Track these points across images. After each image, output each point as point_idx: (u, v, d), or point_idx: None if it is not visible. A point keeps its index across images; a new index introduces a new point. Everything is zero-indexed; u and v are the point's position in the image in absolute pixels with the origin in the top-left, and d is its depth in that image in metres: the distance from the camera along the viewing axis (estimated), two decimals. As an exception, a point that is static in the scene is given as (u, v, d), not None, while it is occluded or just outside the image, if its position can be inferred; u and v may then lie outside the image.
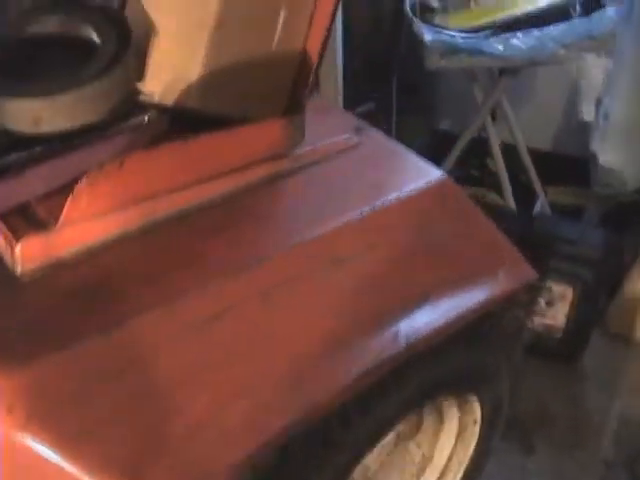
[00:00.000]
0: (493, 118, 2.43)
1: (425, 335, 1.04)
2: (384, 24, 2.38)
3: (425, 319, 1.06)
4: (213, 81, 1.03)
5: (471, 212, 1.15)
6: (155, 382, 0.89)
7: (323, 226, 1.03)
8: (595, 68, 2.21)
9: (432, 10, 2.06)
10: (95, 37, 1.05)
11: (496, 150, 2.29)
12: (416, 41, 1.98)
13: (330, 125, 1.24)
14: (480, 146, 2.46)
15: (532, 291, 1.81)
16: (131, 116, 1.08)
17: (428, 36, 1.92)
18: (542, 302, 2.03)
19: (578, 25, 1.99)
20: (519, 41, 1.90)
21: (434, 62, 1.92)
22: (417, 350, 1.04)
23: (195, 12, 1.02)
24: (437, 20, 2.02)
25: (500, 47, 1.89)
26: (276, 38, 1.07)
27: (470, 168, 2.66)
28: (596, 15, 2.00)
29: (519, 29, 1.95)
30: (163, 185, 0.98)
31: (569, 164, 2.60)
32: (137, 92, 1.07)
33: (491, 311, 1.16)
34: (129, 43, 1.04)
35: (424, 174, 1.16)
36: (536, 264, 1.96)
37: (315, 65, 1.11)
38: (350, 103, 2.33)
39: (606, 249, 1.97)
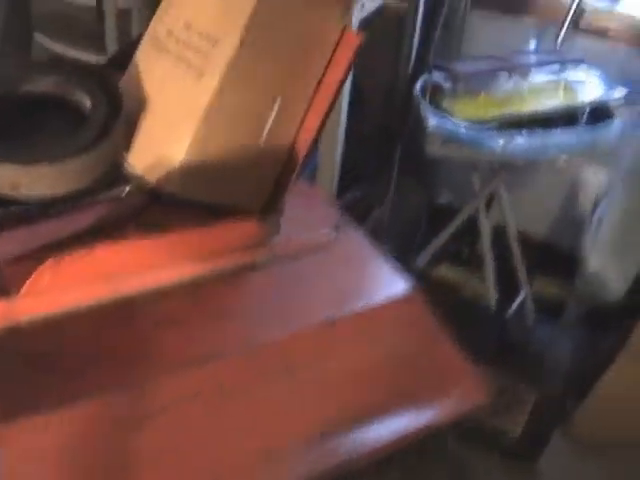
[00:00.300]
0: (489, 202, 2.47)
1: (366, 452, 1.07)
2: (398, 92, 2.41)
3: (370, 435, 1.08)
4: (195, 170, 1.05)
5: (433, 330, 1.18)
6: (89, 471, 0.91)
7: (281, 330, 1.05)
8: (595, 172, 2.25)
9: (443, 91, 2.10)
10: (87, 102, 1.08)
11: (485, 239, 2.32)
12: (421, 122, 2.01)
13: (311, 216, 1.27)
14: (476, 224, 2.49)
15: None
16: (113, 186, 1.10)
17: (432, 121, 1.96)
18: (502, 403, 2.06)
19: (583, 133, 2.03)
20: (522, 140, 1.93)
21: (434, 148, 1.95)
22: (357, 465, 1.07)
23: (187, 99, 1.05)
24: (445, 104, 2.05)
25: (502, 144, 1.93)
26: (266, 131, 1.10)
27: (462, 245, 2.69)
28: (602, 126, 2.04)
29: (524, 127, 1.99)
30: (127, 269, 1.01)
31: (562, 256, 2.64)
32: (122, 162, 1.09)
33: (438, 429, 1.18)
34: (120, 114, 1.06)
35: (393, 285, 1.18)
36: (502, 365, 2.01)
37: (303, 160, 1.14)
38: (351, 165, 2.37)
39: (576, 357, 2.00)
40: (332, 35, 1.10)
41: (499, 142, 1.91)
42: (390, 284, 1.19)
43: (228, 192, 1.10)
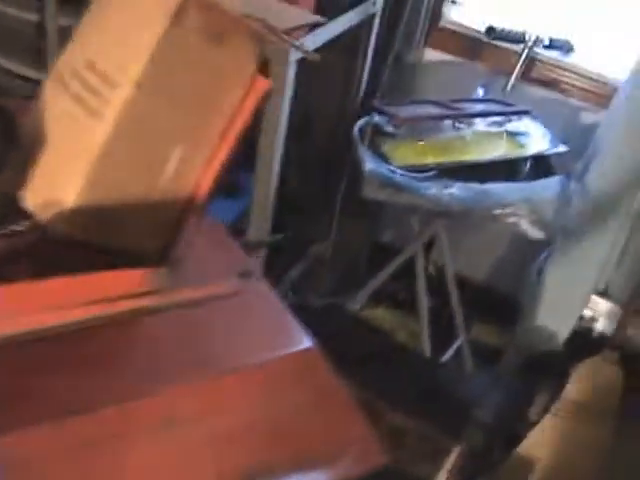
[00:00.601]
0: (430, 244, 2.46)
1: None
2: (343, 129, 2.40)
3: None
4: (85, 213, 1.02)
5: (330, 389, 1.15)
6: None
7: (166, 381, 1.01)
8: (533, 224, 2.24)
9: (384, 134, 2.08)
10: None
11: (420, 285, 2.31)
12: (359, 164, 2.00)
13: (216, 262, 1.24)
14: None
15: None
16: (6, 222, 1.07)
17: (369, 165, 1.94)
18: (427, 451, 2.04)
19: (519, 188, 2.02)
20: (457, 190, 1.92)
21: (371, 192, 1.93)
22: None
23: (81, 141, 1.02)
24: (385, 147, 2.04)
25: (437, 192, 1.91)
26: (165, 176, 1.07)
27: (399, 288, 2.67)
28: (541, 182, 2.04)
29: (462, 177, 1.97)
30: (6, 311, 0.97)
31: (501, 302, 2.64)
32: (18, 197, 1.06)
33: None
34: (13, 147, 1.05)
35: (291, 341, 1.15)
36: (429, 413, 1.99)
37: (201, 206, 1.11)
38: (294, 196, 2.36)
39: (509, 407, 1.98)
40: (241, 80, 1.07)
41: (435, 191, 1.89)
42: (290, 340, 1.16)
43: (122, 236, 1.08)
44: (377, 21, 2.29)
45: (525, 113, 2.24)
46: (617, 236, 2.11)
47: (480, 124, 2.18)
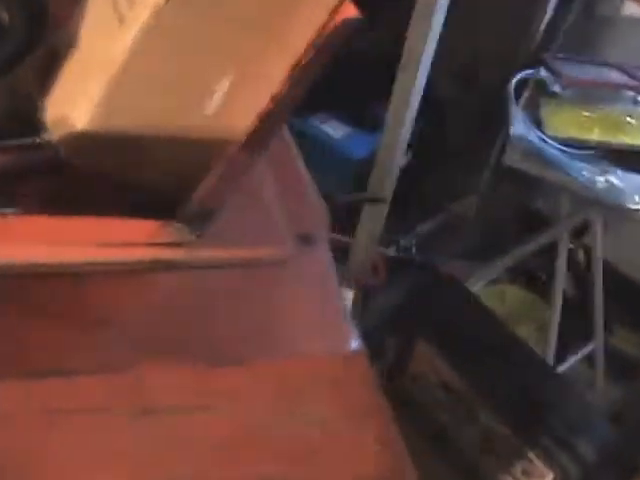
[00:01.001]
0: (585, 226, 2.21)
1: None
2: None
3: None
4: (98, 137, 0.87)
5: (370, 409, 0.96)
6: None
7: (160, 360, 0.87)
8: None
9: (547, 94, 1.82)
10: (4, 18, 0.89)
11: (560, 272, 2.05)
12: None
13: (274, 218, 1.06)
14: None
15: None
16: (26, 132, 0.93)
17: (517, 128, 1.69)
18: (519, 467, 1.83)
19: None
20: (616, 179, 1.65)
21: (513, 160, 1.70)
22: None
23: (105, 52, 0.85)
24: (544, 110, 1.78)
25: (591, 177, 1.65)
26: (207, 109, 0.90)
27: (541, 268, 2.43)
28: None
29: (627, 165, 1.69)
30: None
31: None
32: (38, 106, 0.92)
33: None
34: (43, 36, 0.91)
35: (334, 338, 0.98)
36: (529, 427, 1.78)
37: (252, 150, 0.93)
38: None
39: (607, 453, 1.73)
40: (320, 3, 0.86)
41: (588, 175, 1.63)
42: (334, 335, 0.98)
43: (144, 175, 0.93)
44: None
45: None
46: None
47: (669, 104, 1.87)
